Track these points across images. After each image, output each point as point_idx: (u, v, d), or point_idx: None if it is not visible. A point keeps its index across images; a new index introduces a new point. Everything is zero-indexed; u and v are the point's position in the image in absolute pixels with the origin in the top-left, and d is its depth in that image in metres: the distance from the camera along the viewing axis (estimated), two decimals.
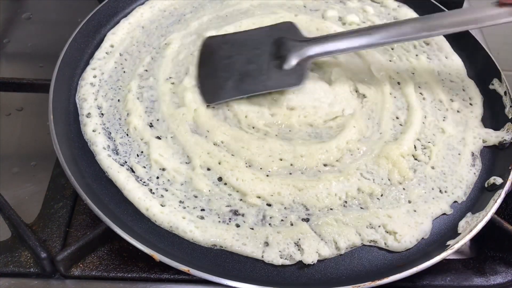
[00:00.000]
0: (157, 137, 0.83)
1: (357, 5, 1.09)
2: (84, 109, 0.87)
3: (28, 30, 1.17)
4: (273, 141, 0.83)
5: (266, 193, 0.77)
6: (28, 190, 0.88)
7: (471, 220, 0.76)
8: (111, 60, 0.95)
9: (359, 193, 0.79)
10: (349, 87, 0.92)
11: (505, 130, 0.87)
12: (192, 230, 0.72)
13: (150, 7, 1.05)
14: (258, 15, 1.03)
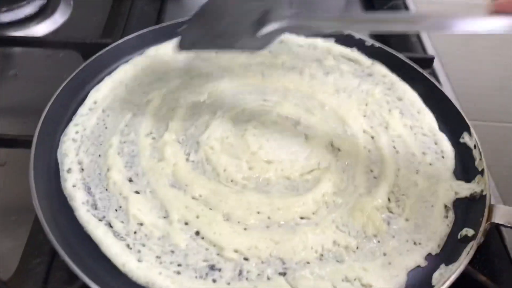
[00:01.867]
0: (136, 192, 0.85)
1: (332, 63, 1.13)
2: (65, 164, 0.88)
3: (14, 87, 1.19)
4: (251, 194, 0.84)
5: (244, 247, 0.78)
6: (6, 245, 0.88)
7: (444, 272, 0.77)
8: (94, 116, 0.97)
9: (334, 246, 0.80)
10: (325, 141, 0.94)
11: (476, 182, 0.90)
12: (168, 286, 0.72)
13: (133, 65, 1.09)
14: (238, 73, 1.07)
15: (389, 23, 0.86)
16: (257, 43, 0.91)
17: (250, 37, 0.91)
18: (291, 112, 0.99)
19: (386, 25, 0.87)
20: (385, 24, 0.86)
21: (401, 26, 0.88)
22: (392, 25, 0.86)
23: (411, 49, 1.30)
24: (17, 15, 1.34)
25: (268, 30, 0.90)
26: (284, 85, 1.06)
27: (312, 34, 1.00)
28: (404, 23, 0.85)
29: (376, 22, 0.87)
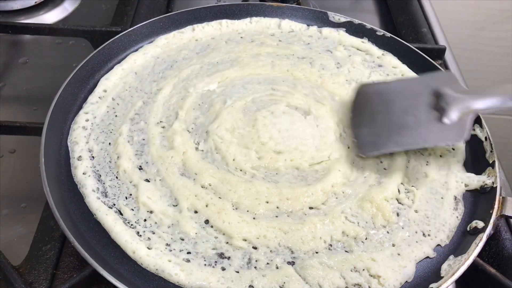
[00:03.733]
0: (146, 180, 0.85)
1: (344, 53, 1.13)
2: (75, 152, 0.89)
3: (24, 74, 1.20)
4: (260, 184, 0.85)
5: (252, 236, 0.78)
6: (17, 231, 0.89)
7: (453, 263, 0.77)
8: (104, 104, 0.97)
9: (343, 236, 0.80)
10: (335, 132, 0.94)
11: (486, 175, 0.90)
12: (177, 273, 0.73)
13: (143, 54, 1.09)
14: (248, 63, 1.07)
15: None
16: (452, 133, 0.85)
17: (438, 127, 0.85)
18: (301, 102, 0.99)
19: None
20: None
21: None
22: None
23: (422, 40, 1.29)
24: (28, 3, 1.35)
25: (453, 116, 0.85)
26: (293, 75, 1.06)
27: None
28: None
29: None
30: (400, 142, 0.87)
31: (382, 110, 0.90)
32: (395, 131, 0.87)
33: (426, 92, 0.90)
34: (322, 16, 1.21)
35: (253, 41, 1.14)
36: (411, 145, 0.87)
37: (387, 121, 0.88)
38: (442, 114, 0.86)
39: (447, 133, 0.86)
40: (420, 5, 1.43)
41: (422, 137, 0.86)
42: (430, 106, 0.88)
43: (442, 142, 0.88)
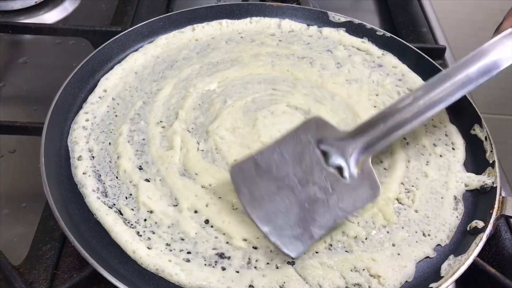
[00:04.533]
0: (146, 180, 0.85)
1: (344, 53, 1.13)
2: (76, 152, 0.89)
3: (24, 74, 1.20)
4: None
5: (252, 236, 0.78)
6: (17, 231, 0.89)
7: (453, 263, 0.77)
8: (104, 104, 0.97)
9: (343, 236, 0.80)
10: None
11: (486, 175, 0.90)
12: (177, 273, 0.73)
13: (143, 54, 1.09)
14: (248, 63, 1.07)
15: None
16: (365, 189, 0.78)
17: (347, 187, 0.78)
18: (301, 102, 0.99)
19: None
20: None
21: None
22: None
23: (422, 39, 1.29)
24: (28, 3, 1.35)
25: (353, 168, 0.79)
26: (294, 74, 1.06)
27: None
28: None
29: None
30: (321, 225, 0.76)
31: (278, 190, 0.78)
32: (309, 213, 0.76)
33: (309, 150, 0.80)
34: (322, 16, 1.21)
35: (253, 41, 1.14)
36: (332, 222, 0.77)
37: (295, 205, 0.77)
38: (340, 172, 0.80)
39: (358, 193, 0.79)
40: (420, 5, 1.43)
41: (338, 207, 0.77)
42: (323, 166, 0.80)
43: (357, 206, 0.79)
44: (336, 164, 0.81)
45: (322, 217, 0.76)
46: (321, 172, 0.79)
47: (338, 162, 0.80)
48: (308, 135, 0.81)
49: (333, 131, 0.83)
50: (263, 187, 0.78)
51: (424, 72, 1.08)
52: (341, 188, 0.79)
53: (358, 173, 0.80)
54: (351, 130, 0.84)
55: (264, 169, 0.79)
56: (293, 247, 0.75)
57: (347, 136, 0.83)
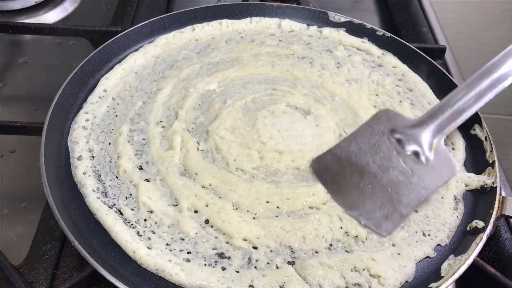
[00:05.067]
0: (146, 180, 0.85)
1: (344, 53, 1.13)
2: (76, 152, 0.89)
3: (24, 74, 1.21)
4: (260, 184, 0.85)
5: (252, 236, 0.78)
6: (17, 231, 0.89)
7: (453, 263, 0.77)
8: (104, 104, 0.97)
9: (344, 236, 0.80)
10: (335, 132, 0.94)
11: (486, 175, 0.90)
12: (177, 273, 0.73)
13: (143, 54, 1.09)
14: (248, 63, 1.07)
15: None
16: (443, 168, 0.83)
17: (425, 169, 0.83)
18: (301, 102, 0.99)
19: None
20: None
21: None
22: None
23: (422, 39, 1.29)
24: (28, 3, 1.35)
25: (429, 152, 0.84)
26: (294, 74, 1.06)
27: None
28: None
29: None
30: (407, 203, 0.82)
31: (361, 178, 0.84)
32: (394, 194, 0.82)
33: (383, 139, 0.87)
34: (322, 16, 1.21)
35: (253, 41, 1.14)
36: (418, 200, 0.82)
37: (379, 189, 0.83)
38: (417, 156, 0.84)
39: (437, 171, 0.84)
40: (420, 5, 1.43)
41: (421, 186, 0.82)
42: (400, 153, 0.85)
43: (440, 182, 0.84)
44: (411, 149, 0.85)
45: (407, 197, 0.82)
46: (398, 158, 0.84)
47: (414, 148, 0.85)
48: (381, 126, 0.88)
49: (404, 120, 0.89)
50: (346, 176, 0.85)
51: (424, 72, 1.08)
52: (420, 170, 0.83)
53: (434, 155, 0.84)
54: (421, 118, 0.88)
55: (344, 160, 0.86)
56: (384, 227, 0.80)
57: (418, 123, 0.87)
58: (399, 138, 0.86)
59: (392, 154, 0.85)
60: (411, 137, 0.86)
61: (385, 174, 0.83)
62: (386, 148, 0.86)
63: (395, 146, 0.85)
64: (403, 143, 0.86)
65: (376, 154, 0.85)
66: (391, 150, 0.85)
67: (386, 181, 0.83)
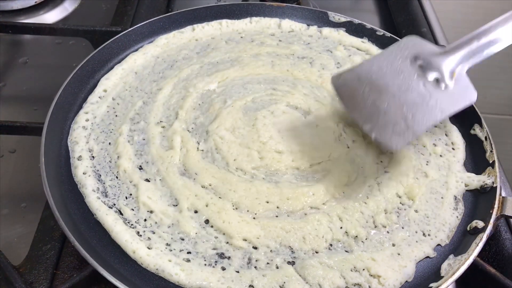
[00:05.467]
0: (146, 180, 0.85)
1: (344, 53, 1.13)
2: (76, 152, 0.89)
3: (24, 74, 1.21)
4: (260, 184, 0.85)
5: (252, 236, 0.78)
6: (17, 231, 0.89)
7: (453, 263, 0.77)
8: (104, 104, 0.97)
9: (344, 236, 0.80)
10: (335, 132, 0.94)
11: (486, 174, 0.90)
12: (177, 273, 0.73)
13: (143, 54, 1.09)
14: (248, 62, 1.07)
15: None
16: (462, 94, 0.85)
17: (444, 93, 0.84)
18: (301, 102, 0.99)
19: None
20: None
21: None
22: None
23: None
24: (28, 3, 1.35)
25: (449, 78, 0.85)
26: (293, 74, 1.06)
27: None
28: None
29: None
30: (421, 122, 0.83)
31: (379, 96, 0.86)
32: (409, 113, 0.83)
33: (406, 64, 0.88)
34: (322, 16, 1.21)
35: (253, 41, 1.14)
36: (432, 121, 0.84)
37: (395, 107, 0.84)
38: (437, 82, 0.86)
39: (456, 97, 0.85)
40: (420, 5, 1.43)
41: (437, 109, 0.84)
42: (421, 77, 0.86)
43: (456, 107, 0.85)
44: (433, 76, 0.86)
45: (422, 117, 0.83)
46: (419, 81, 0.85)
47: (435, 74, 0.86)
48: (406, 52, 0.89)
49: (430, 48, 0.90)
50: (365, 93, 0.86)
51: None
52: (439, 94, 0.84)
53: (454, 83, 0.85)
54: (447, 47, 0.89)
55: (364, 78, 0.88)
56: (395, 141, 0.82)
57: (443, 52, 0.88)
58: (421, 64, 0.87)
59: (413, 77, 0.86)
60: (434, 64, 0.86)
61: (403, 94, 0.84)
62: (408, 71, 0.87)
63: (417, 70, 0.86)
64: (425, 69, 0.86)
65: (396, 77, 0.86)
66: (412, 73, 0.86)
67: (403, 101, 0.84)
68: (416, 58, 0.88)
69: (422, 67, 0.87)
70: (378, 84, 0.87)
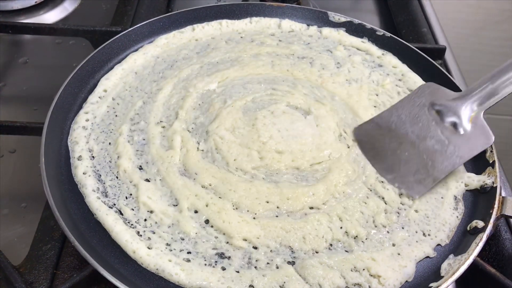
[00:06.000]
0: (146, 180, 0.85)
1: (343, 53, 1.13)
2: (76, 152, 0.89)
3: (24, 74, 1.21)
4: (260, 184, 0.85)
5: (252, 236, 0.78)
6: (17, 231, 0.89)
7: (453, 263, 0.77)
8: (104, 104, 0.98)
9: (344, 236, 0.80)
10: (335, 132, 0.94)
11: (486, 174, 0.90)
12: (177, 273, 0.73)
13: (143, 54, 1.09)
14: (248, 62, 1.07)
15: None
16: (479, 138, 0.86)
17: (462, 139, 0.86)
18: (301, 102, 0.99)
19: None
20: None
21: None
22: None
23: (422, 39, 1.29)
24: (28, 3, 1.35)
25: (467, 123, 0.87)
26: (293, 74, 1.06)
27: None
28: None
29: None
30: (440, 169, 0.86)
31: (399, 145, 0.90)
32: (428, 160, 0.87)
33: (424, 111, 0.91)
34: (322, 16, 1.21)
35: (253, 41, 1.14)
36: (451, 167, 0.86)
37: (415, 156, 0.88)
38: (455, 127, 0.88)
39: (473, 141, 0.87)
40: (420, 5, 1.43)
41: (456, 155, 0.86)
42: (439, 123, 0.89)
43: (474, 152, 0.87)
44: (450, 121, 0.88)
45: (441, 164, 0.86)
46: (437, 128, 0.88)
47: (452, 119, 0.88)
48: (423, 99, 0.92)
49: (446, 94, 0.92)
50: (385, 143, 0.91)
51: (424, 72, 1.08)
52: (457, 139, 0.87)
53: (471, 127, 0.87)
54: (463, 92, 0.91)
55: (384, 128, 0.92)
56: (416, 190, 0.86)
57: (459, 96, 0.90)
58: (439, 110, 0.89)
59: (431, 124, 0.89)
60: (451, 109, 0.88)
61: (422, 142, 0.88)
62: (426, 119, 0.90)
63: (435, 117, 0.89)
64: (443, 115, 0.89)
65: (415, 124, 0.90)
66: (430, 120, 0.89)
67: (422, 149, 0.87)
68: (433, 104, 0.91)
69: (439, 113, 0.89)
70: (398, 133, 0.91)
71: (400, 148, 0.89)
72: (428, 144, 0.88)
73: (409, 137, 0.89)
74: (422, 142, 0.88)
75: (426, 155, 0.87)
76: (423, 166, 0.86)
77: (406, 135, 0.90)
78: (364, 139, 0.93)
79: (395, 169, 0.88)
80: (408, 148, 0.88)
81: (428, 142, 0.88)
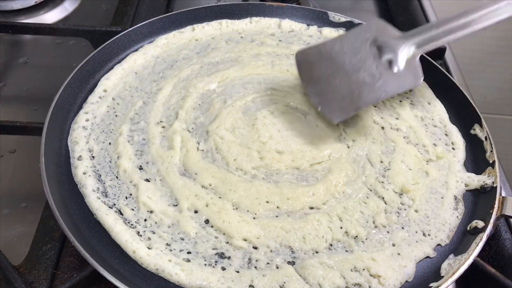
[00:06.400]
0: (146, 180, 0.85)
1: None
2: (76, 152, 0.89)
3: (24, 74, 1.21)
4: (260, 184, 0.85)
5: (252, 236, 0.78)
6: (17, 231, 0.89)
7: (453, 263, 0.77)
8: (104, 104, 0.98)
9: (344, 236, 0.80)
10: (335, 132, 0.94)
11: (486, 174, 0.90)
12: (177, 273, 0.73)
13: (143, 54, 1.09)
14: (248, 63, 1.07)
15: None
16: (408, 78, 0.91)
17: (393, 76, 0.90)
18: (301, 102, 0.99)
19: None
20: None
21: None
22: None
23: None
24: (28, 3, 1.35)
25: (402, 62, 0.91)
26: (294, 74, 1.06)
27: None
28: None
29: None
30: (365, 100, 0.90)
31: (333, 73, 0.93)
32: (356, 91, 0.90)
33: (365, 45, 0.94)
34: (322, 16, 1.21)
35: (253, 41, 1.14)
36: (375, 100, 0.92)
37: (345, 83, 0.91)
38: (390, 64, 0.91)
39: (402, 80, 0.91)
40: (420, 5, 1.43)
41: (382, 90, 0.90)
42: (376, 58, 0.92)
43: (401, 90, 0.92)
44: (387, 58, 0.92)
45: (367, 97, 0.90)
46: (373, 62, 0.92)
47: (389, 57, 0.92)
48: (368, 34, 0.96)
49: (390, 32, 0.96)
50: (321, 69, 0.94)
51: (425, 71, 1.08)
52: (388, 76, 0.91)
53: (405, 67, 0.91)
54: (406, 32, 0.95)
55: (325, 55, 0.95)
56: (337, 115, 0.91)
57: (401, 36, 0.94)
58: (380, 46, 0.93)
59: (368, 58, 0.92)
60: (390, 47, 0.93)
61: (355, 74, 0.91)
62: (365, 52, 0.93)
63: (374, 52, 0.93)
64: (382, 51, 0.93)
65: (353, 56, 0.93)
66: (368, 55, 0.93)
67: (354, 80, 0.91)
68: (376, 40, 0.94)
69: (379, 49, 0.93)
70: (335, 61, 0.93)
71: (333, 76, 0.92)
72: (360, 76, 0.91)
73: (345, 67, 0.92)
74: (355, 74, 0.91)
75: (355, 86, 0.90)
76: (350, 94, 0.90)
77: (343, 65, 0.92)
78: (304, 63, 0.97)
79: (323, 94, 0.92)
80: (340, 76, 0.92)
81: (360, 74, 0.91)
